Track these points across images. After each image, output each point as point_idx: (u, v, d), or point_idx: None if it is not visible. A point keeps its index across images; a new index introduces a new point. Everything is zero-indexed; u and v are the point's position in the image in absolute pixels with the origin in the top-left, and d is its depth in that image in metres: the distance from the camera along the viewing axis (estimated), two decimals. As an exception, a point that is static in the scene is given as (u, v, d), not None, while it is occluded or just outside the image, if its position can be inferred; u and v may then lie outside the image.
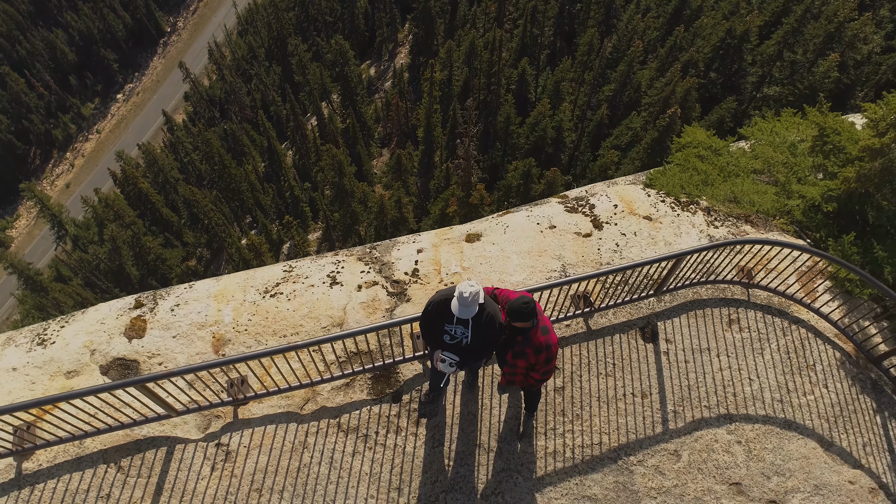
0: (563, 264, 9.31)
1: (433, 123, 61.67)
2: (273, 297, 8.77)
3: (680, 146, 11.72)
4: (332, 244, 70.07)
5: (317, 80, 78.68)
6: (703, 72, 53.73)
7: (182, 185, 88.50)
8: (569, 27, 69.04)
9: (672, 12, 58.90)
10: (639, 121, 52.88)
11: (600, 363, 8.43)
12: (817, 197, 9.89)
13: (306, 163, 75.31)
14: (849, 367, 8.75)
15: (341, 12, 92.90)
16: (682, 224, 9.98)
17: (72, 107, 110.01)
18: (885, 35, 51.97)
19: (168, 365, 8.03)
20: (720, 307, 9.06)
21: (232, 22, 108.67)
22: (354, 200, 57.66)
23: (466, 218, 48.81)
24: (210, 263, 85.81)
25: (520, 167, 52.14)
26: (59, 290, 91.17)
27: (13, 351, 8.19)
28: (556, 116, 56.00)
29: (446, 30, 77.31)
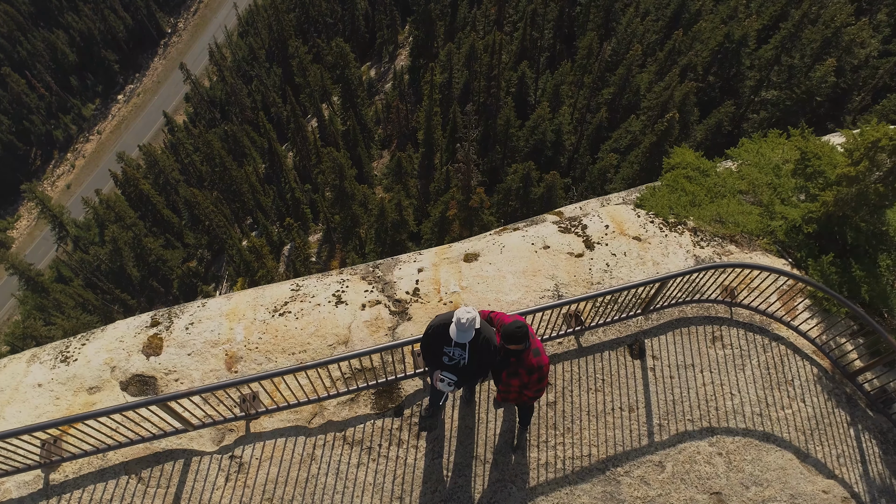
0: (556, 284, 9.85)
1: (433, 126, 62.17)
2: (282, 315, 9.31)
3: (669, 166, 12.26)
4: (333, 246, 70.67)
5: (317, 82, 79.19)
6: (701, 76, 54.20)
7: (183, 187, 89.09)
8: (568, 30, 69.52)
9: (671, 16, 59.38)
10: (638, 124, 53.37)
11: (590, 379, 8.98)
12: (798, 218, 10.43)
13: (307, 164, 75.84)
14: (825, 382, 9.30)
15: (342, 14, 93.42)
16: (670, 244, 10.52)
17: (72, 107, 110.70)
18: (882, 39, 52.44)
19: (184, 381, 8.58)
20: (704, 325, 9.61)
21: (232, 23, 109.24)
22: (355, 203, 58.22)
23: (466, 221, 49.45)
24: (211, 264, 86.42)
25: (519, 170, 52.64)
26: (60, 290, 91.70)
27: (38, 367, 8.74)
28: (556, 120, 56.51)
29: (446, 32, 77.76)
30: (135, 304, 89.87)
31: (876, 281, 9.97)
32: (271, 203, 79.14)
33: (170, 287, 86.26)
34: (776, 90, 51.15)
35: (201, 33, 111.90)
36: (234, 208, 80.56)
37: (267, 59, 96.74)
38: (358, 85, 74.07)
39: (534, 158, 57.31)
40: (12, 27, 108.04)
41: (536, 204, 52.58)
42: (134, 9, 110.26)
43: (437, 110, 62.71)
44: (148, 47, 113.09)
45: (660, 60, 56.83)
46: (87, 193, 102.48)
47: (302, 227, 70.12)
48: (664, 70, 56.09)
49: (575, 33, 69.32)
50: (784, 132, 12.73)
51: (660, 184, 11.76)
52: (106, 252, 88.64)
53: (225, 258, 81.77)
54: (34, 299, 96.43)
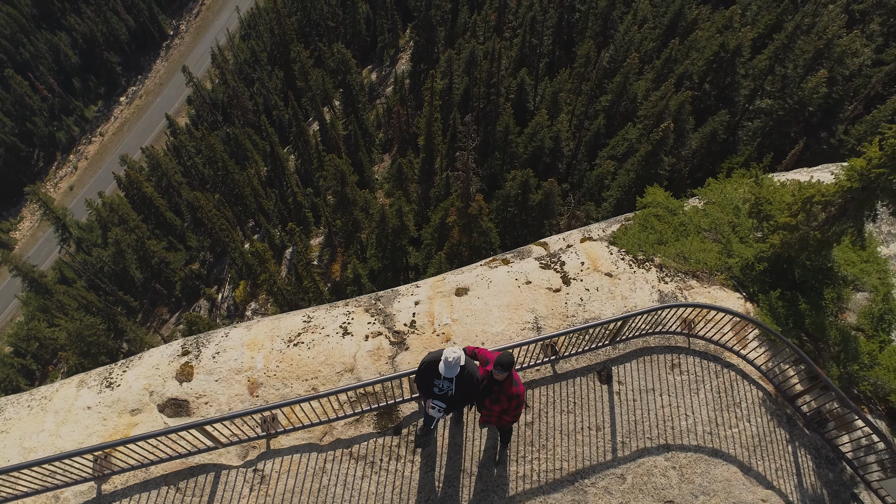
0: (536, 317, 11.32)
1: (434, 132, 63.56)
2: (296, 345, 10.79)
3: (642, 205, 13.71)
4: (334, 249, 72.15)
5: (319, 86, 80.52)
6: (697, 84, 55.49)
7: (185, 190, 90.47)
8: (567, 36, 70.82)
9: (668, 24, 60.68)
10: (634, 132, 54.69)
11: (563, 402, 10.45)
12: (751, 257, 11.89)
13: (308, 168, 77.27)
14: (769, 404, 10.77)
15: (343, 17, 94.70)
16: (637, 280, 11.99)
17: (75, 109, 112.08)
18: (875, 48, 53.79)
19: (212, 404, 10.06)
20: (665, 354, 11.08)
21: (234, 25, 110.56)
22: (356, 208, 59.66)
23: (466, 228, 50.83)
24: (213, 267, 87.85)
25: (518, 177, 53.97)
26: (63, 292, 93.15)
27: (86, 392, 10.23)
28: (554, 127, 57.85)
29: (447, 37, 79.10)
30: (137, 305, 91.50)
31: (817, 313, 11.41)
32: (273, 206, 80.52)
33: (172, 289, 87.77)
34: (770, 99, 52.48)
35: (203, 35, 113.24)
36: (236, 211, 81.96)
37: (269, 62, 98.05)
38: (359, 90, 75.50)
39: (533, 165, 58.71)
40: (15, 29, 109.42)
41: (535, 210, 54.00)
42: (136, 11, 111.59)
43: (438, 116, 64.08)
44: (150, 49, 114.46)
45: (657, 68, 58.18)
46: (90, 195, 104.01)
47: (304, 231, 71.56)
48: (661, 78, 57.45)
49: (574, 39, 70.67)
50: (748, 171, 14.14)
51: (632, 223, 13.18)
52: (109, 254, 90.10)
53: (227, 261, 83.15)
54: (37, 300, 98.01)
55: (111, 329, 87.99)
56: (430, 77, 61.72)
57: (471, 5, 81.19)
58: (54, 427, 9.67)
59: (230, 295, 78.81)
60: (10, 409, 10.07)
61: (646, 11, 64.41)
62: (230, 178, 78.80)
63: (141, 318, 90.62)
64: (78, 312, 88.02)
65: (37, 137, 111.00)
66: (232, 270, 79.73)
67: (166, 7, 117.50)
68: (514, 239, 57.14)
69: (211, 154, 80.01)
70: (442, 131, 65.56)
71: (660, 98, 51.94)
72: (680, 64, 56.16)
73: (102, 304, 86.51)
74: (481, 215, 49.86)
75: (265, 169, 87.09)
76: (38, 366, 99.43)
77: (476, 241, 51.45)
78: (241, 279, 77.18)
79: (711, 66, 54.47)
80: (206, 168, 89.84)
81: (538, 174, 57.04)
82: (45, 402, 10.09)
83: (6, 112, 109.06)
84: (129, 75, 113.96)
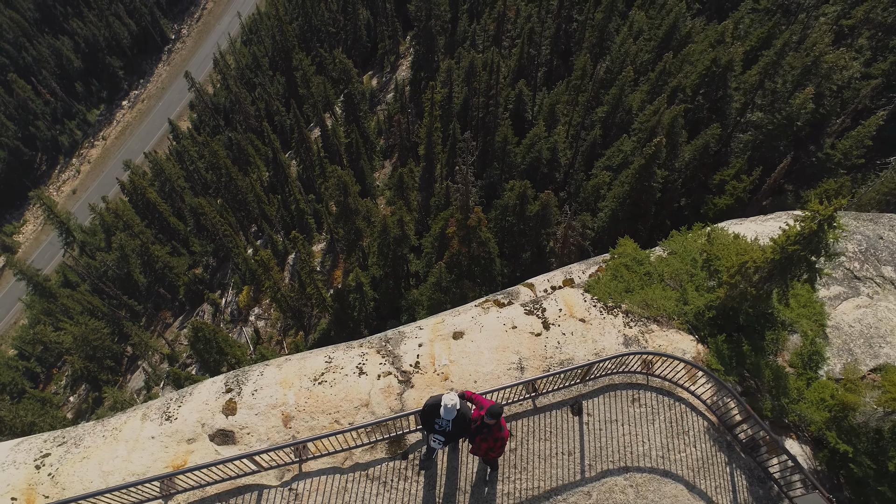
0: (520, 358, 13.72)
1: (434, 142, 65.87)
2: (320, 384, 13.19)
3: (614, 255, 16.09)
4: (336, 256, 74.56)
5: (321, 93, 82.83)
6: (690, 97, 57.75)
7: (188, 194, 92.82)
8: (565, 46, 73.07)
9: (663, 36, 62.91)
10: (629, 144, 56.96)
11: (542, 431, 12.85)
12: (702, 306, 14.28)
13: (310, 175, 79.57)
14: (712, 432, 13.17)
15: (344, 23, 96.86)
16: (606, 325, 14.39)
17: (77, 113, 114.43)
18: (864, 62, 56.06)
19: (253, 434, 12.47)
20: (627, 390, 13.47)
21: (236, 30, 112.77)
22: (359, 217, 62.01)
23: (465, 239, 53.16)
24: (216, 271, 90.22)
25: (516, 187, 56.29)
26: (68, 296, 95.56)
27: (149, 424, 12.63)
28: (551, 138, 60.17)
29: (447, 44, 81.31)
30: (141, 309, 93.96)
31: (756, 354, 13.80)
32: (276, 212, 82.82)
33: (176, 293, 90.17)
34: (761, 112, 54.75)
35: (205, 39, 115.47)
36: (239, 217, 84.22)
37: (270, 67, 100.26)
38: (361, 99, 77.78)
39: (531, 174, 61.10)
40: (18, 33, 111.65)
41: (532, 220, 56.33)
42: (138, 15, 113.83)
43: (438, 125, 66.37)
44: (152, 53, 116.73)
45: (651, 80, 60.43)
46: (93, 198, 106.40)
47: (306, 238, 73.91)
48: (655, 90, 59.70)
49: (571, 49, 72.95)
50: (706, 225, 16.50)
51: (605, 273, 15.56)
52: (113, 258, 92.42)
53: (230, 265, 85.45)
54: (41, 304, 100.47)
55: (115, 332, 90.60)
56: (430, 88, 63.94)
57: (470, 14, 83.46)
58: (126, 454, 12.06)
59: (234, 300, 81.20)
60: (87, 438, 12.47)
61: (642, 23, 66.69)
62: (233, 185, 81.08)
63: (145, 322, 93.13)
64: (83, 317, 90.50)
65: (40, 141, 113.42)
66: (235, 276, 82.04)
67: (168, 11, 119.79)
68: (513, 248, 59.58)
69: (214, 160, 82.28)
70: (442, 141, 67.91)
71: (653, 112, 54.20)
72: (674, 77, 58.40)
73: (107, 309, 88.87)
74: (480, 226, 52.17)
75: (267, 174, 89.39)
76: (42, 369, 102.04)
77: (475, 250, 53.80)
78: (245, 284, 79.55)
79: (704, 79, 56.70)
80: (208, 173, 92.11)
81: (536, 183, 59.39)
82: (115, 433, 12.49)
83: (9, 116, 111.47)
84: (132, 79, 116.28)
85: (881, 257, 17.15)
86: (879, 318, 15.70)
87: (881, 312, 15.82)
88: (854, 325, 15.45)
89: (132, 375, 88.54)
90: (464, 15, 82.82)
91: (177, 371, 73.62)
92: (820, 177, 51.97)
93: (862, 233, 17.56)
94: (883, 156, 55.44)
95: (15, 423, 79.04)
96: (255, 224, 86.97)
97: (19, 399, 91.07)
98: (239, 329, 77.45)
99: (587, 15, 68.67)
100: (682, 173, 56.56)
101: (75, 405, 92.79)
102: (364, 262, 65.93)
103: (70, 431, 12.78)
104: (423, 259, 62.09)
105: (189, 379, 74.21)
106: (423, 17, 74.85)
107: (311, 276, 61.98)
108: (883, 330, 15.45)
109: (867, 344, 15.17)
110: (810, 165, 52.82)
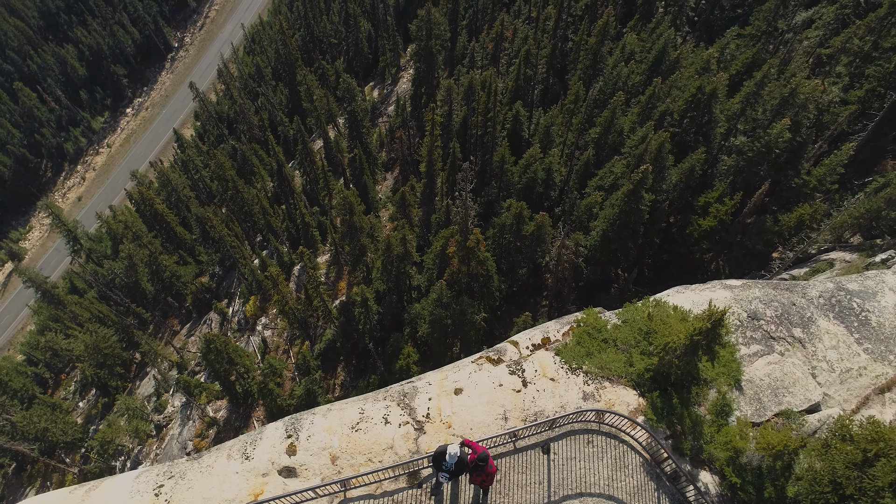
0: (505, 410, 18.92)
1: (434, 160, 70.91)
2: (356, 431, 18.38)
3: (580, 321, 21.25)
4: (340, 268, 79.71)
5: (324, 107, 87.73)
6: (678, 121, 62.75)
7: (194, 203, 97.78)
8: (560, 65, 78.00)
9: (653, 61, 67.89)
10: (619, 166, 62.01)
11: (520, 466, 18.06)
12: (643, 369, 19.48)
13: (315, 188, 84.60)
14: (646, 466, 18.38)
15: (345, 34, 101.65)
16: (570, 384, 19.59)
17: (82, 120, 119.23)
18: (842, 87, 61.12)
19: (310, 470, 17.66)
20: (584, 434, 18.68)
21: (238, 38, 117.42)
22: (363, 235, 67.18)
23: (464, 259, 58.28)
24: (222, 280, 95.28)
25: (513, 207, 61.37)
26: (76, 303, 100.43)
27: (233, 462, 17.83)
28: (546, 160, 65.24)
29: (446, 59, 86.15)
30: (149, 317, 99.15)
31: (682, 406, 19.00)
32: (281, 223, 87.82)
33: (183, 301, 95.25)
34: (745, 136, 59.80)
35: (208, 48, 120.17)
36: (244, 227, 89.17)
37: (273, 77, 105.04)
38: (363, 116, 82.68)
39: (527, 193, 66.21)
40: (23, 41, 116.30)
41: (528, 239, 61.41)
42: (142, 23, 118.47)
43: (438, 144, 71.40)
44: (155, 61, 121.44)
45: (642, 103, 65.42)
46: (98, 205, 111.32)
47: (312, 252, 79.04)
48: (645, 113, 64.70)
49: (567, 67, 77.91)
50: (654, 300, 21.64)
51: (571, 339, 20.73)
52: (121, 267, 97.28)
53: (236, 275, 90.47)
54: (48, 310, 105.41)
55: (123, 340, 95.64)
56: (430, 110, 68.93)
57: (469, 29, 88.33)
58: (219, 485, 17.27)
59: (241, 309, 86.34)
60: (189, 473, 17.68)
61: (633, 45, 71.63)
62: (239, 197, 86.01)
63: (152, 330, 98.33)
64: (92, 324, 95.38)
65: (45, 148, 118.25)
66: (242, 286, 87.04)
67: (171, 19, 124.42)
68: (510, 264, 64.64)
69: (220, 172, 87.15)
70: (442, 158, 72.95)
71: (641, 139, 59.23)
72: (662, 101, 63.38)
73: (117, 318, 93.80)
74: (478, 247, 57.31)
75: (272, 184, 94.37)
76: (50, 374, 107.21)
77: (474, 269, 58.92)
78: (251, 294, 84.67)
79: (690, 105, 61.72)
80: (213, 182, 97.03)
81: (532, 201, 64.50)
82: (209, 469, 17.70)
83: (15, 123, 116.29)
84: (135, 87, 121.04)
85: (793, 321, 22.32)
86: (785, 372, 20.86)
87: (787, 367, 20.99)
88: (764, 378, 20.62)
89: (141, 382, 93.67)
90: (463, 31, 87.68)
91: (187, 379, 79.02)
92: (798, 200, 56.88)
93: (778, 300, 22.73)
94: (861, 176, 60.57)
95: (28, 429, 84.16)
96: (261, 234, 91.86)
97: (30, 404, 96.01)
98: (246, 338, 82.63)
99: (581, 36, 73.60)
100: (669, 194, 61.58)
101: (85, 410, 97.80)
102: (368, 276, 71.09)
103: (175, 467, 18.00)
104: (424, 274, 67.26)
105: (199, 387, 79.61)
106: (423, 36, 79.67)
107: (317, 289, 67.11)
108: (787, 382, 20.62)
109: (773, 394, 20.33)
110: (788, 189, 57.85)
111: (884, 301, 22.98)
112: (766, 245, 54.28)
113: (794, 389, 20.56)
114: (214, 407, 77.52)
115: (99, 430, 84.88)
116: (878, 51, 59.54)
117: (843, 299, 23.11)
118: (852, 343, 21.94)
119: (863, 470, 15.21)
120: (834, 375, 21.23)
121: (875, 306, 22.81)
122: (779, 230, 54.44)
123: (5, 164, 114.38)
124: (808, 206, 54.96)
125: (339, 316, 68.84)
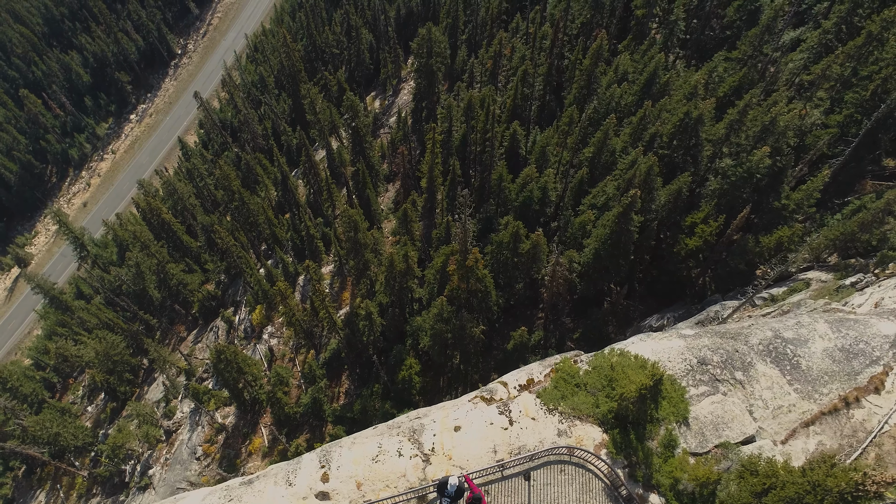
0: (494, 445, 24.24)
1: (435, 176, 76.10)
2: (376, 462, 23.69)
3: (558, 368, 26.56)
4: (344, 279, 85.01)
5: (326, 119, 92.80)
6: (667, 143, 67.88)
7: (200, 212, 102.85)
8: (557, 82, 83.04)
9: (644, 83, 72.96)
10: (611, 187, 67.19)
11: (506, 490, 23.40)
12: (606, 410, 24.81)
13: (318, 199, 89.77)
14: (608, 491, 23.71)
15: (347, 44, 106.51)
16: (547, 422, 24.91)
17: (87, 126, 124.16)
18: (823, 111, 66.19)
19: (341, 494, 23.00)
20: (558, 464, 24.00)
21: (241, 45, 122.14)
22: (367, 250, 72.51)
23: (464, 277, 63.55)
24: (227, 288, 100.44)
25: (511, 225, 66.59)
26: (83, 308, 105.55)
27: (279, 487, 23.16)
28: (542, 179, 70.42)
29: (446, 74, 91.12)
30: (156, 323, 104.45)
31: (637, 440, 24.32)
32: (285, 233, 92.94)
33: (190, 308, 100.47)
34: (730, 159, 64.94)
35: (211, 55, 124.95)
36: (250, 236, 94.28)
37: (276, 86, 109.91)
38: (366, 132, 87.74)
39: (523, 210, 71.42)
40: (27, 48, 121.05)
41: (524, 256, 66.65)
42: (145, 31, 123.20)
43: (439, 161, 76.57)
44: (159, 68, 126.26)
45: (633, 125, 70.52)
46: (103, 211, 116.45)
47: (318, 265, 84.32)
48: (637, 134, 69.81)
49: (563, 84, 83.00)
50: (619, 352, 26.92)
51: (549, 383, 26.03)
52: (129, 274, 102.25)
53: (242, 283, 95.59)
54: (56, 315, 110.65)
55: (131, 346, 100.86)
56: (431, 129, 74.06)
57: (469, 44, 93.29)
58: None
59: (247, 317, 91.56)
60: (245, 496, 23.02)
61: (626, 65, 76.68)
62: (245, 207, 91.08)
63: (160, 336, 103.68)
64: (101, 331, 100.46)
65: (50, 154, 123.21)
66: (248, 295, 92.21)
67: (174, 27, 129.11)
68: (507, 279, 69.87)
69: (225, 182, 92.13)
70: (442, 174, 78.13)
71: (630, 164, 64.38)
72: (652, 124, 68.48)
73: (126, 326, 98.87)
74: (477, 265, 62.60)
75: (276, 194, 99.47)
76: (58, 378, 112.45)
77: (473, 286, 64.22)
78: (257, 303, 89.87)
79: (678, 128, 66.84)
80: (218, 191, 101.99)
81: (528, 218, 69.71)
82: (261, 493, 23.05)
83: (20, 130, 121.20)
84: (139, 94, 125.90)
85: (735, 365, 27.61)
86: (726, 409, 26.16)
87: (728, 406, 26.29)
88: (708, 415, 25.93)
89: (149, 387, 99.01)
90: (463, 45, 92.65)
91: (196, 386, 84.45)
92: (778, 222, 61.89)
93: (724, 348, 28.02)
94: (840, 196, 65.81)
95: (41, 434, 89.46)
96: (266, 243, 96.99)
97: (39, 409, 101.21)
98: (253, 346, 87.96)
99: (577, 56, 78.60)
100: (658, 214, 66.74)
101: (93, 415, 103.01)
102: (371, 289, 76.41)
103: (233, 490, 23.36)
104: (426, 288, 72.64)
105: (207, 393, 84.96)
106: (424, 53, 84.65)
107: (323, 302, 72.44)
108: (727, 418, 25.91)
109: (715, 428, 25.63)
110: (769, 212, 63.01)
111: (814, 347, 28.26)
112: (748, 265, 59.20)
113: (733, 424, 25.84)
114: (223, 413, 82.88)
115: (110, 435, 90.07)
116: (856, 77, 64.37)
117: (779, 346, 28.39)
118: (784, 384, 27.23)
119: (761, 499, 20.50)
120: (768, 412, 26.51)
121: (806, 352, 28.08)
122: (759, 251, 59.36)
123: (11, 170, 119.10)
124: (787, 228, 59.91)
125: (343, 328, 74.17)
